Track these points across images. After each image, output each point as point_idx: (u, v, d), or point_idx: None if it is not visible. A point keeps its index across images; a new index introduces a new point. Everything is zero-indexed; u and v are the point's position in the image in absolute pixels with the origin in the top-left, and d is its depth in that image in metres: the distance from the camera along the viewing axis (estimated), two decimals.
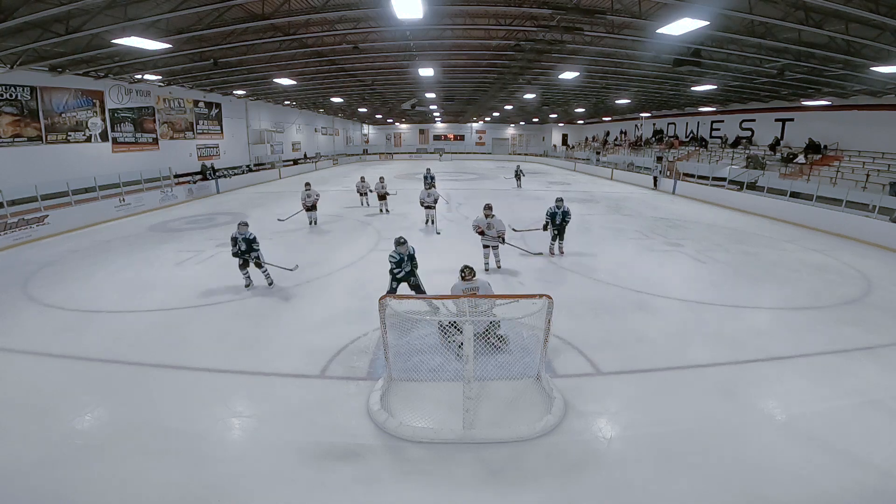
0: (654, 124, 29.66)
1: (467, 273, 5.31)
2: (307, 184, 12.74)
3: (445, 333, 5.31)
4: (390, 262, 6.21)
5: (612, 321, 6.42)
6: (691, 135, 26.08)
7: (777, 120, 20.09)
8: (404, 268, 6.20)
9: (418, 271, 6.36)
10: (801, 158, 17.43)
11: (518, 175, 22.22)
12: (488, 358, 4.68)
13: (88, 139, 15.44)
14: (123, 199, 14.76)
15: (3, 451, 3.78)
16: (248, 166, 23.23)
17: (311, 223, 12.63)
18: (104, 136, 16.08)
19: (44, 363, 5.25)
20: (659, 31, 8.80)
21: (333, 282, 8.13)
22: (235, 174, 22.28)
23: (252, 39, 11.64)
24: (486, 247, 8.51)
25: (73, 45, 11.03)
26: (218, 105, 22.79)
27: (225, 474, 3.54)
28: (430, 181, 16.27)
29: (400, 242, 6.14)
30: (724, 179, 18.71)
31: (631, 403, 4.50)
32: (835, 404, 4.46)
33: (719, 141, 23.68)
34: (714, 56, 11.84)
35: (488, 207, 8.30)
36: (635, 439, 3.95)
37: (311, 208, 12.48)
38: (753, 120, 21.59)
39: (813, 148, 17.47)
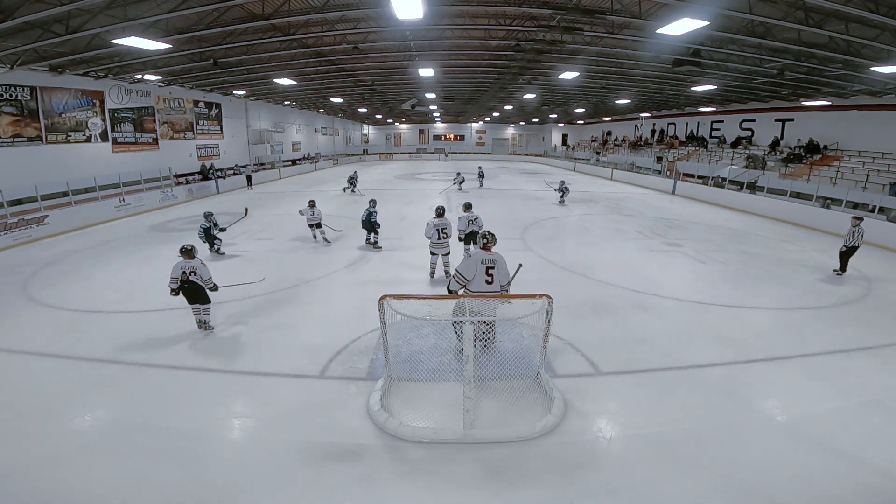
0: (653, 124, 29.66)
1: (490, 240, 4.90)
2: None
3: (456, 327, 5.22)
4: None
5: (612, 321, 6.41)
6: (691, 135, 26.09)
7: (777, 120, 20.12)
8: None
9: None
10: (805, 160, 17.43)
11: (563, 190, 17.24)
12: (488, 357, 4.67)
13: (88, 139, 15.44)
14: (123, 200, 14.76)
15: (3, 450, 3.78)
16: (248, 166, 23.26)
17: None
18: (104, 136, 16.08)
19: (44, 363, 5.25)
20: (659, 31, 8.81)
21: (333, 282, 8.13)
22: (236, 174, 22.27)
23: (252, 39, 11.65)
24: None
25: (73, 45, 11.03)
26: (218, 105, 22.78)
27: (225, 474, 3.54)
28: (352, 183, 14.66)
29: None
30: (724, 179, 18.73)
31: (631, 403, 4.49)
32: (835, 404, 4.46)
33: (719, 141, 23.69)
34: (714, 56, 11.85)
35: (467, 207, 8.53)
36: (635, 439, 3.95)
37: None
38: (753, 120, 21.60)
39: (812, 148, 17.47)
